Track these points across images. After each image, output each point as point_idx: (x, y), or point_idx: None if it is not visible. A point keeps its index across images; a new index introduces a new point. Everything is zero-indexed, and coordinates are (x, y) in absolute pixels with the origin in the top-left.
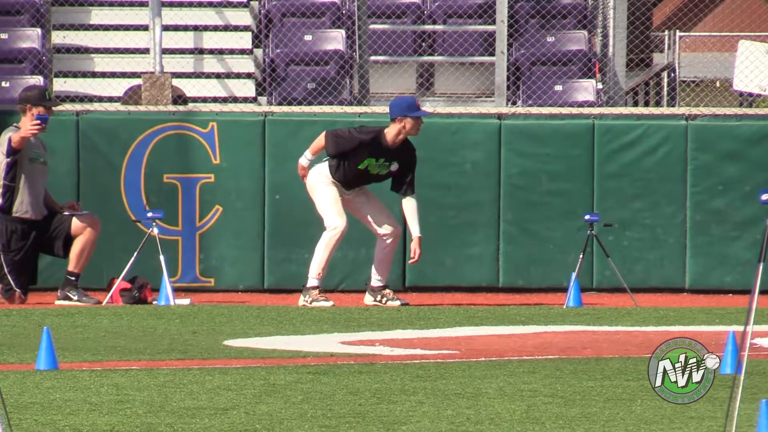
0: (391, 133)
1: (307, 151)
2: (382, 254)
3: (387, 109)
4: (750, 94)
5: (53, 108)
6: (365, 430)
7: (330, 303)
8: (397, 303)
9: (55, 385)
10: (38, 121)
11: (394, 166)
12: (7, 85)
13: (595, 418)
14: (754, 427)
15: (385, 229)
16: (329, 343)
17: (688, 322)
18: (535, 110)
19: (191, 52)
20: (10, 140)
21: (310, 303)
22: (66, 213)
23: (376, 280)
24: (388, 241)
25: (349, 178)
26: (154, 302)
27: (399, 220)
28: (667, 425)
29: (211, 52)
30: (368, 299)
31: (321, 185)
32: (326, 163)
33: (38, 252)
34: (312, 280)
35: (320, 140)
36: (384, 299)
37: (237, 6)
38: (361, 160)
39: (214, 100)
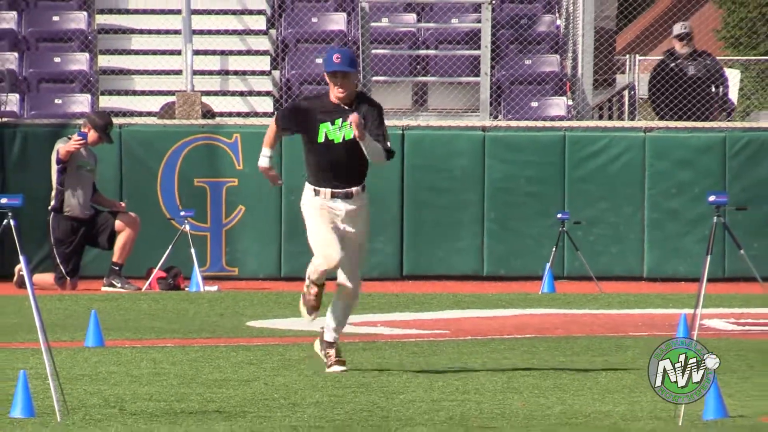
0: (331, 90)
1: (263, 148)
2: (337, 307)
3: (387, 123)
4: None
5: (106, 134)
6: (368, 398)
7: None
8: (338, 369)
9: (101, 360)
10: (80, 138)
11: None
12: (60, 102)
13: (565, 388)
14: (705, 395)
15: (343, 281)
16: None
17: (645, 306)
18: (514, 123)
19: (218, 73)
20: (58, 151)
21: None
22: (110, 212)
23: (328, 332)
24: (343, 293)
25: (320, 165)
26: (186, 289)
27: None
28: (628, 394)
29: (235, 73)
30: (316, 346)
31: (308, 211)
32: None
33: (85, 245)
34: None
35: (270, 127)
36: (327, 360)
37: (257, 33)
38: (316, 131)
39: (238, 114)
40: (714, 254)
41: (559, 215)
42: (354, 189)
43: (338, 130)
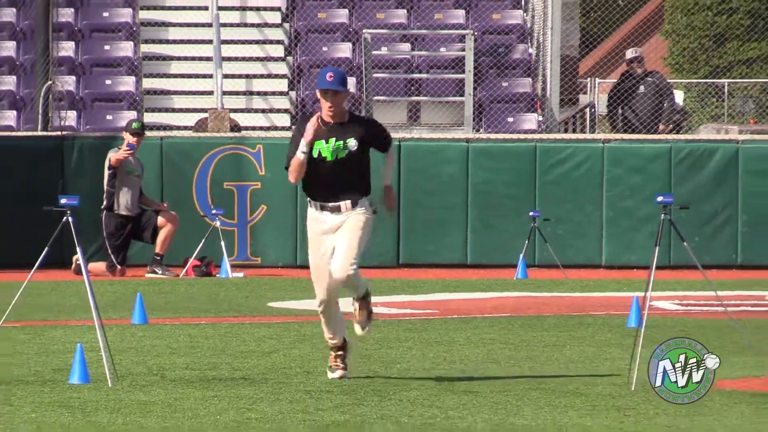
0: (323, 109)
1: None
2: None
3: None
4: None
5: (143, 135)
6: (370, 367)
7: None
8: (336, 375)
9: (145, 335)
10: (128, 148)
11: (352, 143)
12: (110, 117)
13: (536, 359)
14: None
15: (334, 270)
16: (344, 305)
17: (603, 290)
18: (493, 136)
19: (243, 93)
20: (109, 159)
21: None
22: (154, 210)
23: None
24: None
25: (315, 179)
26: (217, 275)
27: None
28: (589, 364)
29: (258, 93)
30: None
31: (308, 234)
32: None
33: (131, 239)
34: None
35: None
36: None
37: (276, 60)
38: (311, 148)
39: (260, 128)
40: (661, 246)
41: (531, 213)
42: (342, 204)
43: (331, 149)
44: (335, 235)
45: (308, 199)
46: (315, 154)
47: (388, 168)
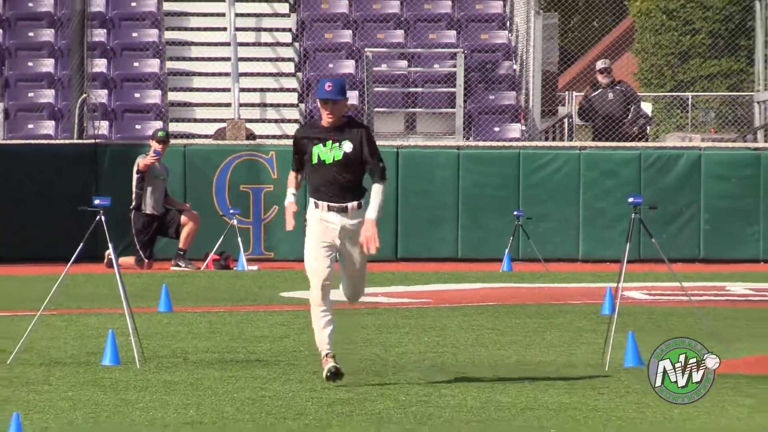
0: (322, 116)
1: (288, 188)
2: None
3: (383, 143)
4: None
5: (167, 142)
6: (371, 350)
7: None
8: (330, 371)
9: (170, 322)
10: (155, 155)
11: (347, 146)
12: (139, 127)
13: (520, 343)
14: (623, 349)
15: (348, 296)
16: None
17: (580, 281)
18: (481, 143)
19: (258, 105)
20: (137, 164)
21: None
22: (177, 210)
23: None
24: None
25: (317, 183)
26: (234, 268)
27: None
28: (567, 348)
29: (271, 105)
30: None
31: (308, 229)
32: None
33: (157, 235)
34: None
35: (290, 174)
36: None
37: (287, 75)
38: (310, 153)
39: (273, 137)
40: (632, 242)
41: (515, 213)
42: (349, 204)
43: (329, 152)
44: (343, 245)
45: (313, 200)
46: (315, 160)
47: (374, 200)
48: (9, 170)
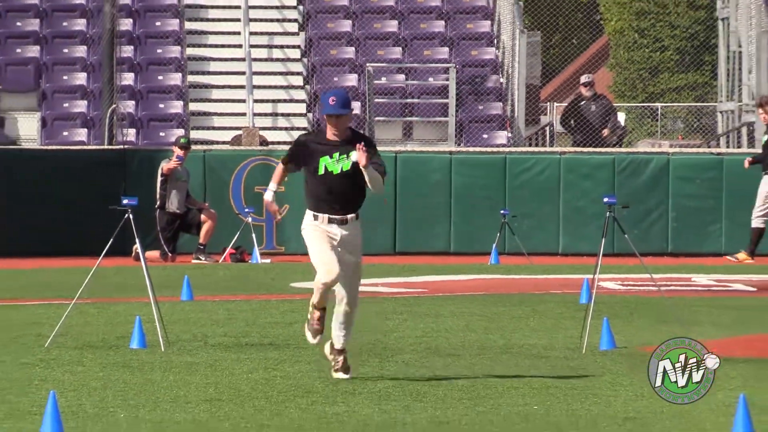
0: (328, 129)
1: (271, 183)
2: (340, 317)
3: (383, 149)
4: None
5: (189, 148)
6: (372, 335)
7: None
8: (342, 376)
9: (191, 310)
10: (178, 160)
11: (354, 156)
12: (163, 134)
13: (506, 328)
14: (599, 334)
15: (343, 295)
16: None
17: (560, 273)
18: (471, 149)
19: (270, 115)
20: (161, 168)
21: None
22: (198, 209)
23: (337, 340)
24: (344, 303)
25: (320, 194)
26: (249, 261)
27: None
28: (548, 333)
29: (282, 115)
30: (326, 349)
31: (308, 233)
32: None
33: (180, 232)
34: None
35: (278, 166)
36: (334, 364)
37: (297, 88)
38: (317, 164)
39: (284, 143)
40: (607, 237)
41: (502, 211)
42: (349, 216)
43: (336, 163)
44: (341, 253)
45: (312, 213)
46: (321, 171)
47: (371, 173)
48: (45, 173)
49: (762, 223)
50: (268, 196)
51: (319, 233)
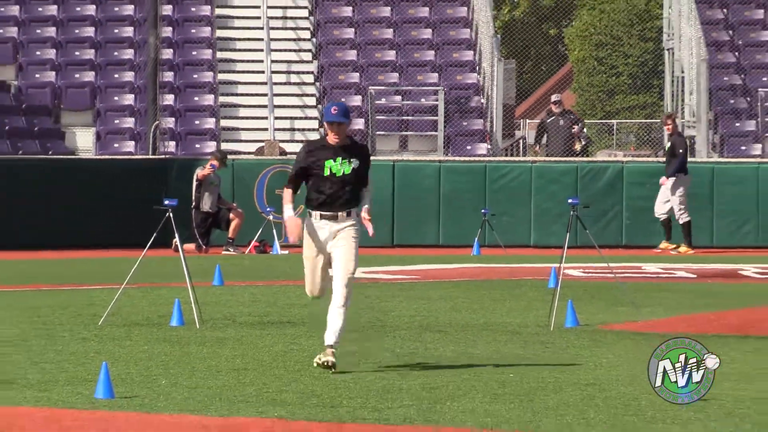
0: (329, 136)
1: (286, 205)
2: (333, 314)
3: (382, 158)
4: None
5: (223, 161)
6: (373, 314)
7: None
8: (324, 361)
9: (222, 293)
10: (211, 167)
11: (355, 163)
12: (198, 146)
13: (486, 308)
14: (564, 314)
15: (335, 288)
16: (357, 273)
17: (532, 262)
18: (457, 158)
19: (288, 130)
20: (196, 174)
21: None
22: (227, 208)
23: (329, 335)
24: (336, 297)
25: (322, 192)
26: (271, 252)
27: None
28: (521, 313)
29: (298, 129)
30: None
31: (304, 242)
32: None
33: (212, 228)
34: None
35: (286, 191)
36: (321, 356)
37: (310, 107)
38: (322, 166)
39: None
40: (571, 232)
41: (482, 211)
42: (339, 213)
43: (339, 166)
44: (333, 242)
45: (309, 210)
46: (326, 172)
47: (367, 198)
48: (99, 179)
49: (687, 216)
50: (289, 212)
51: (310, 235)
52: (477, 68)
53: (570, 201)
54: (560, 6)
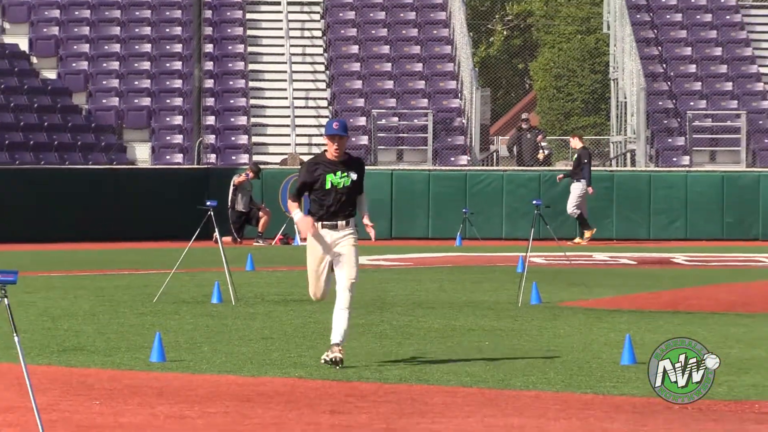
0: (329, 151)
1: (294, 212)
2: (338, 316)
3: (383, 167)
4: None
5: (256, 172)
6: (373, 293)
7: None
8: (331, 357)
9: (253, 276)
10: (245, 175)
11: (354, 175)
12: (234, 158)
13: (468, 288)
14: (530, 293)
15: (339, 290)
16: (362, 260)
17: (503, 252)
18: (443, 168)
19: (307, 145)
20: (233, 180)
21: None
22: (257, 208)
23: (335, 335)
24: (340, 300)
25: (324, 204)
26: (293, 244)
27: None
28: (495, 292)
29: (315, 144)
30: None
31: (308, 249)
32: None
33: (245, 224)
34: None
35: (291, 202)
36: (328, 353)
37: (324, 126)
38: (324, 180)
39: None
40: (535, 227)
41: (464, 210)
42: (339, 223)
43: (339, 179)
44: (335, 250)
45: (317, 222)
46: (328, 185)
47: (365, 207)
48: (154, 184)
49: (578, 209)
50: (301, 215)
51: (312, 255)
52: (459, 95)
53: (534, 202)
54: (527, 45)
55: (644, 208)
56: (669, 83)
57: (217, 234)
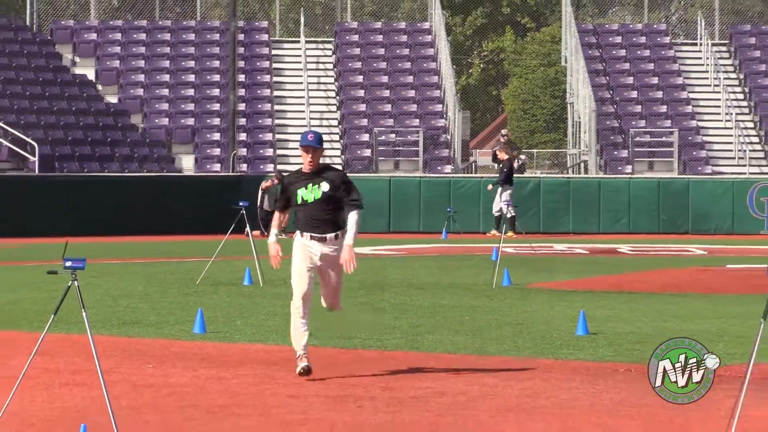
0: (304, 163)
1: (273, 229)
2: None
3: (383, 175)
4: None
5: (280, 178)
6: (373, 278)
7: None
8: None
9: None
10: (271, 181)
11: (325, 186)
12: (262, 167)
13: (451, 274)
14: (502, 276)
15: (326, 304)
16: (365, 250)
17: (483, 243)
18: (432, 175)
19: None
20: (261, 186)
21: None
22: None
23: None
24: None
25: (302, 218)
26: None
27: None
28: (474, 277)
29: (327, 156)
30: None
31: (293, 255)
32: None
33: (271, 221)
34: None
35: (275, 215)
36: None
37: (335, 141)
38: (295, 197)
39: None
40: (507, 223)
41: (448, 209)
42: (327, 235)
43: (309, 193)
44: (322, 265)
45: (298, 231)
46: (299, 201)
47: (351, 229)
48: (196, 189)
49: (499, 211)
50: (272, 239)
51: (300, 251)
52: (444, 116)
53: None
54: (499, 75)
55: (595, 208)
56: (615, 106)
57: (248, 229)
